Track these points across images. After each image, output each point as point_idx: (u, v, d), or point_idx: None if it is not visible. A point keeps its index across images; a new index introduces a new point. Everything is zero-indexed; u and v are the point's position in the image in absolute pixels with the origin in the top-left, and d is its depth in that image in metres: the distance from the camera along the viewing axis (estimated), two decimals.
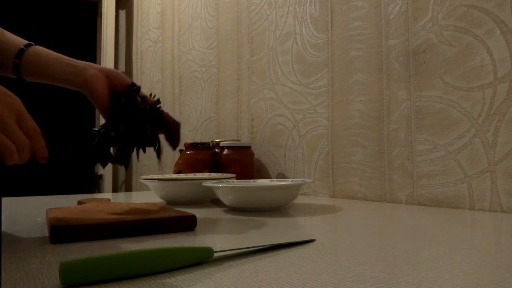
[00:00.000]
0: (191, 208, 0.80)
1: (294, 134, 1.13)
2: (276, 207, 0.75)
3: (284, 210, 0.75)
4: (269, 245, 0.43)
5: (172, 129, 0.62)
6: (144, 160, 2.07)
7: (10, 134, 0.43)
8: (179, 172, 1.13)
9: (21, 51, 0.62)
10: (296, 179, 0.91)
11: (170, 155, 1.82)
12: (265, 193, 0.71)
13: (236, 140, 1.26)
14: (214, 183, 0.78)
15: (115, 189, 2.36)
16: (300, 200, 0.94)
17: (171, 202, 0.88)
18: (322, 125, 1.04)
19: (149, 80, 2.04)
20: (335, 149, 1.01)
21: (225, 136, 1.42)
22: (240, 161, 1.12)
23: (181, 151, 1.19)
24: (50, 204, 0.89)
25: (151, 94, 0.67)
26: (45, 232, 0.54)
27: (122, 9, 2.40)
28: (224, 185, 0.74)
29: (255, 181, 0.87)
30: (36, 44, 0.65)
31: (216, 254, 0.40)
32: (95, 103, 0.61)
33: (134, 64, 2.23)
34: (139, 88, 0.61)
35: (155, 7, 2.01)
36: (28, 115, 0.46)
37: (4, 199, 0.97)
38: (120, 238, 0.49)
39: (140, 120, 0.58)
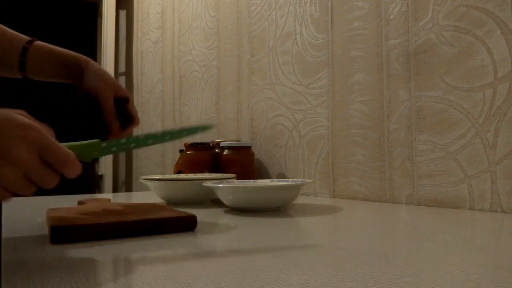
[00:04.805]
0: (191, 208, 0.80)
1: (294, 134, 1.13)
2: (276, 207, 0.75)
3: (284, 210, 0.75)
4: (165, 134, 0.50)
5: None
6: (144, 161, 2.08)
7: (34, 175, 0.39)
8: (179, 172, 1.13)
9: (25, 49, 0.61)
10: (296, 179, 0.91)
11: (170, 155, 1.82)
12: (265, 194, 0.71)
13: (237, 141, 1.26)
14: (214, 183, 0.78)
15: (115, 189, 2.36)
16: (300, 200, 0.94)
17: (171, 202, 0.88)
18: (322, 125, 1.04)
19: (149, 80, 2.04)
20: (335, 149, 1.01)
21: (225, 136, 1.42)
22: (240, 161, 1.12)
23: (181, 151, 1.19)
24: (50, 204, 0.89)
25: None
26: (45, 232, 0.54)
27: (122, 9, 2.40)
28: (224, 185, 0.73)
29: (255, 181, 0.87)
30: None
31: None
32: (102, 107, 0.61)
33: (134, 64, 2.23)
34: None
35: (155, 7, 2.01)
36: (53, 142, 0.40)
37: None
38: (120, 239, 0.49)
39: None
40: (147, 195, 1.12)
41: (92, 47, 2.76)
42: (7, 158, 0.36)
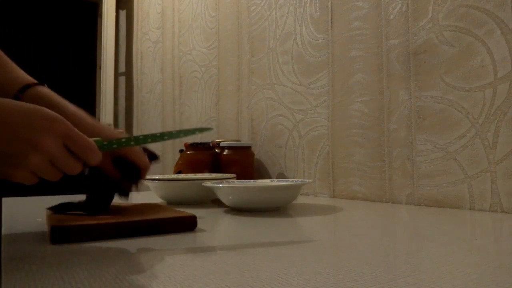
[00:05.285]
0: (191, 208, 0.80)
1: (294, 134, 1.13)
2: (276, 207, 0.75)
3: (284, 210, 0.75)
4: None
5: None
6: None
7: (59, 163, 0.43)
8: (179, 172, 1.13)
9: (24, 88, 0.58)
10: (296, 179, 0.91)
11: (170, 155, 1.82)
12: (265, 194, 0.71)
13: (237, 141, 1.26)
14: (214, 183, 0.78)
15: None
16: (300, 200, 0.94)
17: (171, 202, 0.88)
18: (322, 125, 1.04)
19: (149, 80, 2.04)
20: (335, 149, 1.01)
21: (226, 136, 1.42)
22: (240, 161, 1.12)
23: (181, 151, 1.19)
24: (50, 204, 0.89)
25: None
26: (45, 232, 0.54)
27: (122, 9, 2.40)
28: (224, 185, 0.73)
29: (255, 181, 0.87)
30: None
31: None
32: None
33: (134, 64, 2.23)
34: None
35: (155, 7, 2.01)
36: (76, 132, 0.44)
37: (4, 199, 0.97)
38: (120, 239, 0.49)
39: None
40: (147, 195, 1.12)
41: (92, 47, 2.76)
42: (36, 147, 0.41)
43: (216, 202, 0.90)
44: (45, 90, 0.60)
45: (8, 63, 0.61)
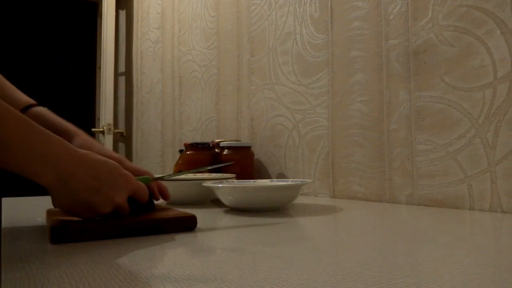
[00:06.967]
0: (191, 208, 0.80)
1: (294, 134, 1.13)
2: (276, 207, 0.75)
3: (284, 210, 0.75)
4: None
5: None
6: (144, 161, 2.07)
7: (120, 210, 0.52)
8: (179, 172, 1.13)
9: (26, 108, 0.64)
10: (296, 179, 0.91)
11: (170, 155, 1.82)
12: (265, 194, 0.71)
13: (236, 141, 1.26)
14: (214, 183, 0.78)
15: None
16: (300, 200, 0.94)
17: (171, 202, 0.88)
18: (322, 125, 1.04)
19: (149, 80, 2.04)
20: (335, 149, 1.01)
21: (225, 136, 1.42)
22: (240, 161, 1.12)
23: (181, 151, 1.19)
24: (50, 204, 0.89)
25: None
26: (45, 232, 0.54)
27: (122, 9, 2.40)
28: (224, 185, 0.73)
29: (255, 181, 0.87)
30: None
31: None
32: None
33: (134, 64, 2.23)
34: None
35: (155, 7, 2.01)
36: (140, 185, 0.55)
37: (4, 199, 0.96)
38: (120, 238, 0.49)
39: None
40: None
41: (92, 47, 2.75)
42: (114, 201, 0.50)
43: (216, 202, 0.90)
44: (43, 109, 0.68)
45: (9, 86, 0.68)
